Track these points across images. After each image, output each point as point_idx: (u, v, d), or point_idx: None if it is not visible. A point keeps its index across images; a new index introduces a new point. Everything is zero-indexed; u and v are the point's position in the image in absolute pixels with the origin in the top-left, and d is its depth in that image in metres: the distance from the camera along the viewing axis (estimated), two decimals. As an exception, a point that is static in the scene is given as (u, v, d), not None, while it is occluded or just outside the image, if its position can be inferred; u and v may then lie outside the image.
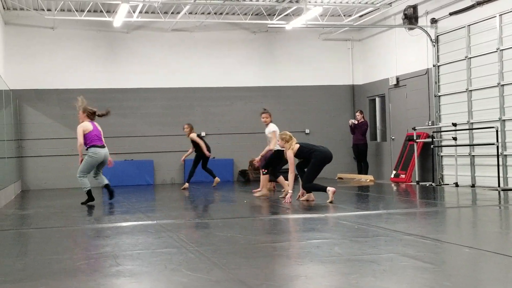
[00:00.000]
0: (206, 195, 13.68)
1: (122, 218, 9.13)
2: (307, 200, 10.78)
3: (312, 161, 10.69)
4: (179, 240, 6.70)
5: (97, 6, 16.54)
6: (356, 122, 17.66)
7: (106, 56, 18.05)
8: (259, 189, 12.34)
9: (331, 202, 10.30)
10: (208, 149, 15.34)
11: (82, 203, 11.44)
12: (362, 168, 17.73)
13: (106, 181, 11.69)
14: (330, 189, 10.45)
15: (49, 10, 16.71)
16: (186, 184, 15.56)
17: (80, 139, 11.38)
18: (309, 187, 10.74)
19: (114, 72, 18.05)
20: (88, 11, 16.52)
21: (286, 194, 10.98)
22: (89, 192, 11.47)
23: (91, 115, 11.67)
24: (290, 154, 10.74)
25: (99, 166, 11.66)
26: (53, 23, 17.38)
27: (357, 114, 17.85)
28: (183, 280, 4.69)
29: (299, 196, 11.01)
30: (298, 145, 10.78)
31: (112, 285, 4.70)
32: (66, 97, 17.68)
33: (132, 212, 9.96)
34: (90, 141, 11.45)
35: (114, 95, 18.01)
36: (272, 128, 12.34)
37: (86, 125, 11.54)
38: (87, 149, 11.54)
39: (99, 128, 11.77)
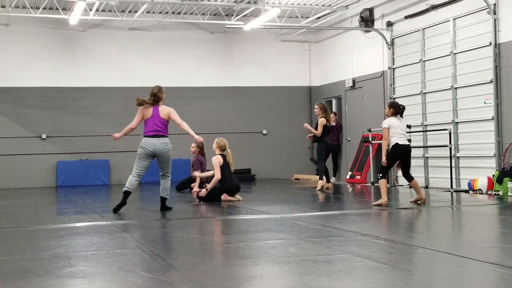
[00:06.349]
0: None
1: (76, 218, 9.00)
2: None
3: None
4: (134, 241, 6.65)
5: (52, 3, 16.26)
6: (334, 124, 17.21)
7: (62, 55, 17.77)
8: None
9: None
10: None
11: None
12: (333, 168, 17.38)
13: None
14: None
15: (3, 6, 16.33)
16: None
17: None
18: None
19: (69, 71, 17.79)
20: (43, 8, 16.24)
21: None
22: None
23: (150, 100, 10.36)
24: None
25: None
26: (7, 20, 17.03)
27: (332, 116, 17.44)
28: (138, 281, 4.65)
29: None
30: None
31: (64, 287, 4.63)
32: (20, 95, 17.40)
33: (87, 213, 9.84)
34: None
35: (70, 94, 17.76)
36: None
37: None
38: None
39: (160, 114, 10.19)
